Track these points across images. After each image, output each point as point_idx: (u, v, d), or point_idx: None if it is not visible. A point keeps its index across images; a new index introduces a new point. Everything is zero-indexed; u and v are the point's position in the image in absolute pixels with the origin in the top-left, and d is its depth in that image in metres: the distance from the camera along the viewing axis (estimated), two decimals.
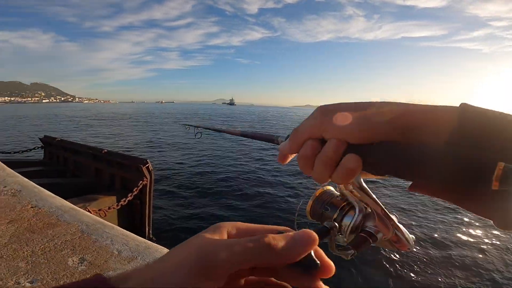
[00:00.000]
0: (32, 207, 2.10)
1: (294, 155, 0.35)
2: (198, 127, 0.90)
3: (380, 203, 0.35)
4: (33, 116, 45.91)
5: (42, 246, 1.44)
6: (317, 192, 0.41)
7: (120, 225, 2.30)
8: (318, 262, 0.25)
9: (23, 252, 1.36)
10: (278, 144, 0.39)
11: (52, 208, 2.07)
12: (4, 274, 1.14)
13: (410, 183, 0.29)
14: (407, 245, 0.35)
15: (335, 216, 0.37)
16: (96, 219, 1.87)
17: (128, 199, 3.43)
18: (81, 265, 1.24)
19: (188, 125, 1.03)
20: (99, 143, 16.01)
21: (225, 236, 0.26)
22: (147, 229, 3.88)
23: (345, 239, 0.36)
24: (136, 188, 3.63)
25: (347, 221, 0.36)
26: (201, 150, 13.94)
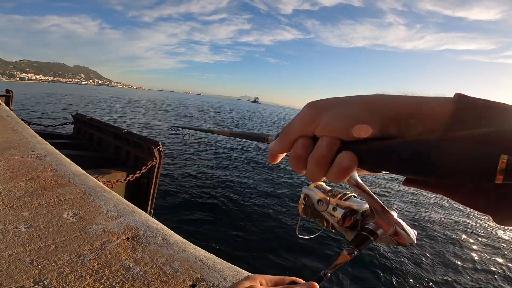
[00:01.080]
0: (51, 170, 2.43)
1: (285, 154, 0.34)
2: (185, 128, 0.87)
3: (378, 199, 0.34)
4: (71, 96, 49.24)
5: (47, 201, 1.72)
6: (311, 185, 0.42)
7: (125, 199, 2.58)
8: None
9: (31, 204, 1.64)
10: (268, 143, 0.37)
11: (67, 172, 2.39)
12: (9, 220, 1.41)
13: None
14: (409, 240, 0.34)
15: (327, 208, 0.38)
16: (99, 184, 2.15)
17: (135, 176, 3.75)
18: (72, 218, 1.50)
19: (175, 126, 1.00)
20: (124, 124, 16.95)
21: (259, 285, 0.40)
22: (149, 207, 4.19)
23: (339, 226, 0.37)
24: (144, 167, 3.95)
25: (339, 213, 0.37)
26: (217, 143, 14.32)
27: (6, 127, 4.07)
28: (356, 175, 0.33)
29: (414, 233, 0.34)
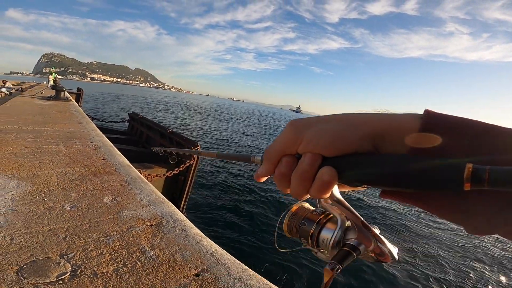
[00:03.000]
0: (103, 159, 2.74)
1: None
2: (171, 150, 0.82)
3: (359, 215, 0.35)
4: (130, 96, 54.62)
5: (94, 186, 1.94)
6: (293, 208, 0.42)
7: (162, 193, 2.79)
8: None
9: (80, 187, 1.88)
10: (254, 163, 0.38)
11: (115, 163, 2.66)
12: (58, 199, 1.64)
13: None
14: (391, 257, 0.34)
15: (312, 230, 0.37)
16: (139, 176, 2.36)
17: (173, 172, 4.01)
18: (110, 202, 1.67)
19: (159, 148, 0.94)
20: (171, 124, 18.20)
21: None
22: (182, 204, 4.43)
23: (328, 254, 0.36)
24: (183, 165, 4.20)
25: (326, 234, 0.36)
26: (255, 147, 14.49)
27: (73, 120, 4.70)
28: (337, 192, 0.34)
29: (396, 250, 0.34)
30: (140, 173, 3.20)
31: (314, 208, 0.41)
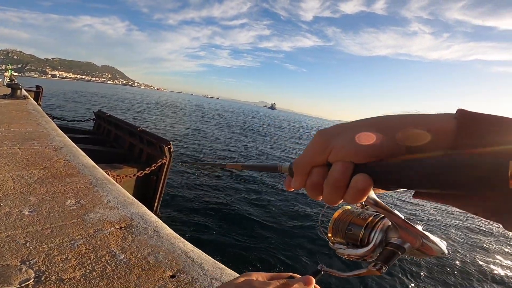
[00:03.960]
0: (64, 161, 2.56)
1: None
2: (198, 164, 0.84)
3: (399, 214, 0.34)
4: (96, 94, 51.57)
5: (55, 189, 1.81)
6: (336, 214, 0.41)
7: (133, 194, 2.68)
8: None
9: (39, 191, 1.74)
10: (282, 172, 0.38)
11: (78, 164, 2.51)
12: (15, 204, 1.51)
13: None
14: (439, 251, 0.33)
15: (361, 235, 0.37)
16: (106, 177, 2.24)
17: (144, 172, 3.86)
18: (74, 206, 1.58)
19: (185, 162, 0.98)
20: (140, 124, 17.52)
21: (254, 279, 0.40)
22: (156, 204, 4.29)
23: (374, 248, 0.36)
24: (154, 165, 4.06)
25: (374, 236, 0.36)
26: (232, 146, 14.43)
27: (31, 120, 4.34)
28: (373, 194, 0.33)
29: (444, 244, 0.34)
30: (108, 174, 3.04)
31: (359, 211, 0.40)
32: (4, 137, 3.06)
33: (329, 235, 0.41)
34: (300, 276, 0.41)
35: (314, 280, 0.40)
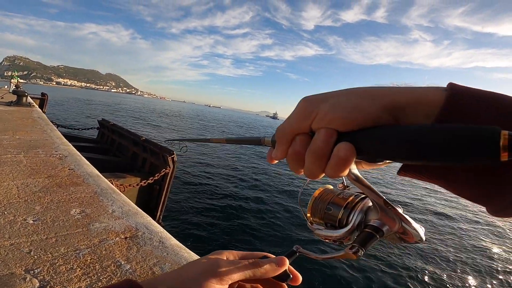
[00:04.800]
0: (69, 169, 2.56)
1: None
2: (182, 140, 0.83)
3: (381, 194, 0.32)
4: (100, 102, 52.18)
5: (60, 198, 1.81)
6: (316, 192, 0.39)
7: (136, 203, 2.67)
8: (290, 275, 0.39)
9: (44, 199, 1.73)
10: (265, 145, 0.37)
11: (83, 173, 2.51)
12: (20, 212, 1.50)
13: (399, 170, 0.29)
14: (417, 237, 0.31)
15: (339, 216, 0.35)
16: (110, 186, 2.23)
17: (148, 182, 3.86)
18: (78, 215, 1.56)
19: (171, 140, 0.96)
20: (143, 132, 17.61)
21: (225, 258, 0.39)
22: (158, 213, 4.27)
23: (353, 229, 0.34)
24: (158, 174, 4.06)
25: (353, 217, 0.34)
26: (232, 156, 14.43)
27: (36, 128, 4.38)
28: (356, 170, 0.31)
29: (422, 230, 0.32)
30: (112, 183, 3.04)
31: (340, 191, 0.38)
32: (9, 144, 3.08)
33: (308, 214, 0.39)
34: (274, 257, 0.40)
35: (287, 261, 0.39)
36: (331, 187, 0.40)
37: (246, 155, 15.43)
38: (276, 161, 0.34)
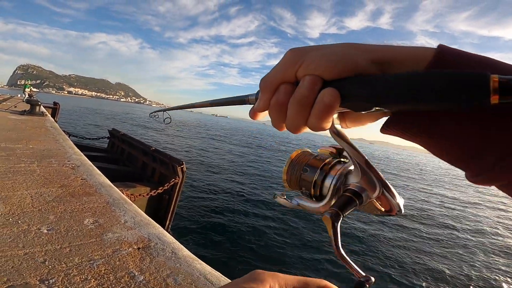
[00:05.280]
0: (81, 179, 2.59)
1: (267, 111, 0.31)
2: (164, 110, 0.79)
3: (362, 153, 0.30)
4: (109, 111, 53.31)
5: (73, 207, 1.82)
6: (293, 155, 0.37)
7: (146, 213, 2.67)
8: None
9: (57, 209, 1.75)
10: (249, 103, 0.35)
11: (95, 183, 2.53)
12: (34, 221, 1.52)
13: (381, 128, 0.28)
14: (396, 208, 0.30)
15: (315, 178, 0.33)
16: (122, 196, 2.24)
17: (158, 191, 3.87)
18: (92, 225, 1.57)
19: (154, 112, 0.90)
20: (153, 141, 17.81)
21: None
22: (167, 222, 4.26)
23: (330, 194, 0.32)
24: (167, 184, 4.07)
25: (329, 182, 0.32)
26: (239, 163, 14.42)
27: (49, 137, 4.48)
28: (338, 125, 0.30)
29: (402, 201, 0.30)
30: (123, 193, 3.06)
31: (317, 153, 0.36)
32: (22, 154, 3.15)
33: (284, 177, 0.36)
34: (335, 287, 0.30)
35: None
36: (309, 150, 0.38)
37: (261, 162, 15.41)
38: (260, 117, 0.32)
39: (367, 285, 0.32)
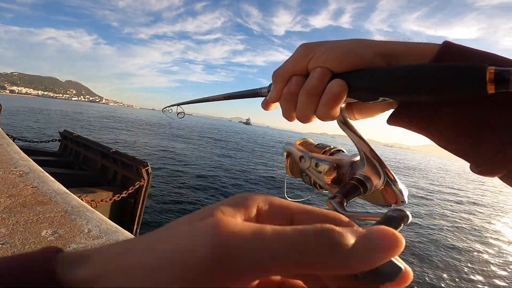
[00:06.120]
0: (32, 187, 2.34)
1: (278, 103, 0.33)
2: (178, 105, 0.74)
3: (368, 143, 0.31)
4: (59, 112, 48.64)
5: (26, 218, 1.64)
6: (297, 142, 0.38)
7: (110, 219, 2.50)
8: (401, 266, 0.14)
9: (9, 221, 1.57)
10: (263, 96, 0.36)
11: (49, 190, 2.31)
12: None
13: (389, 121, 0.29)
14: (400, 198, 0.29)
15: (310, 164, 0.34)
16: (82, 203, 2.08)
17: (121, 195, 3.65)
18: (51, 236, 1.44)
19: (168, 107, 0.94)
20: (111, 143, 16.70)
21: (254, 216, 0.15)
22: (135, 227, 4.04)
23: (325, 182, 0.33)
24: (132, 187, 3.86)
25: (324, 167, 0.33)
26: (203, 161, 14.20)
27: None
28: (345, 114, 0.32)
29: (406, 191, 0.30)
30: (82, 199, 2.83)
31: (316, 143, 0.37)
32: None
33: (286, 165, 0.38)
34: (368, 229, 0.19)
35: (403, 243, 0.14)
36: (310, 139, 0.39)
37: (229, 157, 15.28)
38: (272, 107, 0.34)
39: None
